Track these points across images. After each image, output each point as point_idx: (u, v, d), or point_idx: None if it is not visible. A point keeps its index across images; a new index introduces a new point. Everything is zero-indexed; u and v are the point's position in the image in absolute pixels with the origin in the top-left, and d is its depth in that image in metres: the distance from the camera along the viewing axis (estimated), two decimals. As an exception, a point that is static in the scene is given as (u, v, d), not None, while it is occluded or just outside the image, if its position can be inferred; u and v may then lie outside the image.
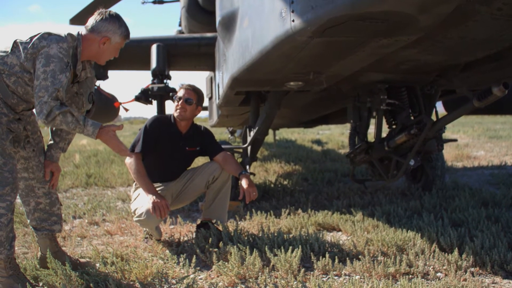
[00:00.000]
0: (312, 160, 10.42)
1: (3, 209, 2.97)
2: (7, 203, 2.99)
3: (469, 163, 9.58)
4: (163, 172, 4.26)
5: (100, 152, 12.82)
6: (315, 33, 2.72)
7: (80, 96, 3.36)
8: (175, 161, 4.25)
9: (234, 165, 4.14)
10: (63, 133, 3.46)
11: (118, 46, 3.22)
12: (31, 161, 3.32)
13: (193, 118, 4.28)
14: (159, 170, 4.23)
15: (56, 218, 3.50)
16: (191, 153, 4.33)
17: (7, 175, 2.99)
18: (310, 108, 6.20)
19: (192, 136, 4.28)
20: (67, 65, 2.95)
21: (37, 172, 3.35)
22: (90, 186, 7.62)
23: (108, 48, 3.16)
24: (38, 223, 3.46)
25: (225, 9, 4.16)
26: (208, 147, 4.31)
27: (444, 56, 3.55)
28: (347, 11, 2.50)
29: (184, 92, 4.16)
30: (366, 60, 3.39)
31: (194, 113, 4.20)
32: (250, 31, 3.55)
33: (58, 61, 2.93)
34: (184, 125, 4.24)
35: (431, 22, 2.68)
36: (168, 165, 4.26)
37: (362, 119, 4.45)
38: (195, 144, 4.29)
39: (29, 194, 3.39)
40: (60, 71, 2.91)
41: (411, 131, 4.08)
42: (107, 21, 3.11)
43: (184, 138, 4.24)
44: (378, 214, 4.77)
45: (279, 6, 2.90)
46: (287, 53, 3.15)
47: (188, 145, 4.26)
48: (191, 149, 4.28)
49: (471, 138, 15.21)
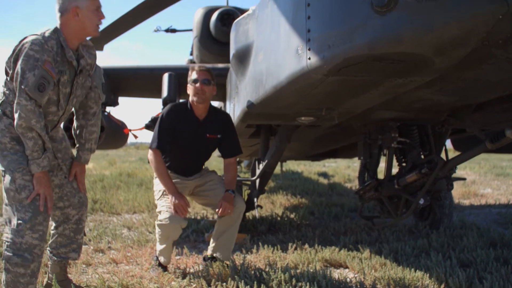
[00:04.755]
0: (319, 193, 10.37)
1: (37, 240, 2.94)
2: (40, 233, 2.96)
3: (476, 201, 9.51)
4: (184, 163, 4.17)
5: (106, 177, 12.84)
6: (331, 71, 2.74)
7: (95, 89, 3.36)
8: (195, 150, 4.13)
9: (229, 178, 4.14)
10: (86, 134, 3.42)
11: (92, 7, 3.05)
12: (64, 188, 3.31)
13: (210, 100, 4.14)
14: (180, 161, 4.15)
15: (76, 246, 3.46)
16: (211, 140, 4.16)
17: (38, 204, 2.96)
18: (320, 142, 6.21)
19: (212, 121, 4.11)
20: (37, 60, 2.85)
21: (72, 199, 3.33)
22: (96, 212, 7.61)
23: (84, 15, 3.02)
24: (57, 247, 3.42)
25: (240, 43, 4.20)
26: (225, 141, 4.17)
27: (457, 97, 3.56)
28: (364, 52, 2.52)
29: (199, 74, 4.03)
30: (379, 99, 3.41)
31: (212, 93, 4.07)
32: (264, 66, 3.58)
33: (27, 59, 2.86)
34: (202, 109, 4.08)
35: (446, 64, 2.70)
36: (188, 155, 4.15)
37: (373, 156, 4.46)
38: (216, 131, 4.12)
39: (63, 221, 3.37)
40: (29, 69, 2.84)
41: (422, 170, 4.07)
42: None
43: (202, 124, 4.08)
44: (385, 252, 4.73)
45: (295, 43, 2.93)
46: (301, 90, 3.17)
47: (208, 132, 4.10)
48: (212, 136, 4.12)
49: (477, 175, 15.14)
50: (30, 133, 2.91)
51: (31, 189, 2.95)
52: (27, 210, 2.92)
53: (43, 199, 3.00)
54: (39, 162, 2.96)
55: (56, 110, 3.15)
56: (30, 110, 2.85)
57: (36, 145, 2.94)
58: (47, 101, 3.04)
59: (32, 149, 2.93)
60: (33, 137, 2.91)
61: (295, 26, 2.96)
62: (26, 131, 2.90)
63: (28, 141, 2.92)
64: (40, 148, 2.96)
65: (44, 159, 2.98)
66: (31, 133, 2.91)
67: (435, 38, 2.45)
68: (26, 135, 2.91)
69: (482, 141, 3.79)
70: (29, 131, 2.90)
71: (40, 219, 2.96)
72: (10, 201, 2.96)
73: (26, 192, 2.93)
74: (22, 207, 2.93)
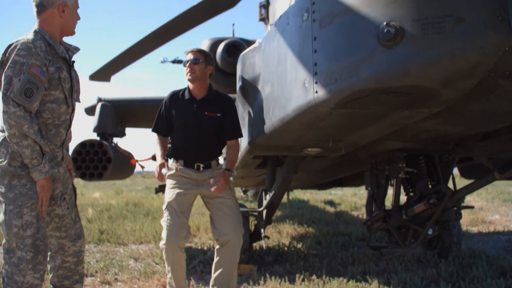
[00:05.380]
0: (326, 222, 10.31)
1: (38, 280, 2.92)
2: (41, 272, 2.94)
3: (485, 228, 9.42)
4: (189, 146, 4.09)
5: (112, 206, 12.84)
6: (338, 104, 2.76)
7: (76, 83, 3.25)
8: (196, 129, 4.05)
9: (229, 157, 4.12)
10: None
11: (75, 7, 3.05)
12: (65, 219, 3.25)
13: (205, 79, 4.12)
14: (185, 144, 4.10)
15: (79, 277, 3.39)
16: (211, 119, 4.07)
17: (39, 243, 2.92)
18: (326, 172, 6.20)
19: (211, 101, 4.11)
20: (23, 65, 2.77)
21: (70, 230, 3.27)
22: (103, 243, 7.57)
23: (69, 13, 3.01)
24: (60, 280, 3.35)
25: (246, 75, 4.23)
26: (226, 123, 4.12)
27: (464, 127, 3.57)
28: (371, 85, 2.55)
29: (190, 55, 4.08)
30: (386, 130, 3.42)
31: (204, 72, 4.08)
32: (271, 98, 3.60)
33: (14, 65, 2.79)
34: (198, 87, 4.11)
35: (453, 96, 2.72)
36: (191, 136, 4.09)
37: (380, 187, 4.44)
38: (215, 110, 4.08)
39: (58, 252, 3.30)
40: (15, 75, 2.77)
41: (430, 200, 4.06)
42: None
43: (200, 103, 4.09)
44: (394, 283, 4.67)
45: (302, 76, 2.96)
46: (309, 122, 3.18)
47: (206, 110, 4.05)
48: (210, 114, 4.06)
49: (485, 201, 15.02)
50: (25, 141, 2.81)
51: (36, 225, 2.89)
52: (29, 250, 2.86)
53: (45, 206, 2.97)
54: (41, 169, 2.89)
55: (66, 108, 3.08)
56: (20, 116, 2.75)
57: (34, 152, 2.84)
58: (56, 101, 2.98)
59: (30, 157, 2.84)
60: (29, 144, 2.82)
61: (301, 60, 2.99)
62: (21, 139, 2.80)
63: (25, 150, 2.82)
64: (38, 154, 2.86)
65: (45, 164, 2.91)
66: (26, 141, 2.81)
67: (442, 70, 2.48)
68: (22, 144, 2.81)
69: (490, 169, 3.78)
70: (23, 139, 2.80)
71: (41, 258, 2.92)
72: (10, 236, 2.88)
73: (32, 230, 2.88)
74: (24, 246, 2.86)
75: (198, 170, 4.07)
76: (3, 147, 2.92)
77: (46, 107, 2.95)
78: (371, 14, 2.57)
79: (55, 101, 2.98)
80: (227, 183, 3.96)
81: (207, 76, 4.13)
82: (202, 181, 4.06)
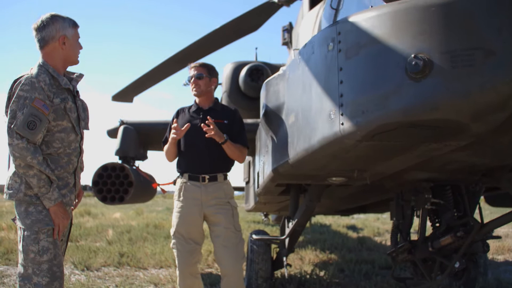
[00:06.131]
0: (348, 248, 10.17)
1: None
2: None
3: (511, 256, 9.20)
4: (195, 155, 4.12)
5: (133, 228, 12.82)
6: (364, 137, 2.70)
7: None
8: (202, 137, 4.01)
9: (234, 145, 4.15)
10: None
11: (76, 37, 3.16)
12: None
13: (211, 92, 4.28)
14: (191, 154, 4.14)
15: None
16: (218, 125, 4.06)
17: (55, 269, 2.95)
18: (350, 199, 6.10)
19: (217, 110, 4.25)
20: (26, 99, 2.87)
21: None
22: (122, 266, 7.53)
23: (70, 45, 3.11)
24: None
25: (270, 102, 4.20)
26: (233, 130, 4.19)
27: (493, 159, 3.47)
28: (398, 119, 2.49)
29: (194, 71, 4.21)
30: (412, 161, 3.33)
31: (209, 85, 4.24)
32: (295, 128, 3.55)
33: (18, 100, 2.89)
34: (204, 100, 4.27)
35: (484, 129, 2.64)
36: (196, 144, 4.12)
37: (405, 218, 4.32)
38: (222, 117, 4.17)
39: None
40: (19, 109, 2.87)
41: (458, 233, 3.94)
42: (51, 24, 3.06)
43: (206, 111, 4.20)
44: (420, 316, 4.53)
45: (328, 107, 2.91)
46: (334, 153, 3.12)
47: (214, 117, 4.07)
48: (218, 121, 4.09)
49: (510, 228, 14.68)
50: (31, 171, 2.88)
51: (53, 252, 2.93)
52: (45, 275, 2.89)
53: (62, 231, 3.03)
54: (50, 196, 2.95)
55: (75, 137, 3.16)
56: (23, 148, 2.84)
57: (40, 181, 2.91)
58: (64, 131, 3.07)
59: (38, 186, 2.91)
60: (35, 174, 2.89)
61: (327, 90, 2.94)
62: (27, 170, 2.88)
63: (32, 179, 2.90)
64: (46, 183, 2.93)
65: (54, 191, 2.96)
66: (32, 171, 2.88)
67: (472, 104, 2.42)
68: (28, 174, 2.89)
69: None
70: (29, 169, 2.88)
71: (57, 284, 2.94)
72: (27, 262, 2.91)
73: (48, 255, 2.91)
74: (40, 271, 2.89)
75: (203, 182, 4.06)
76: (17, 176, 2.99)
77: (55, 137, 3.05)
78: (398, 45, 2.52)
79: (63, 131, 3.07)
80: (217, 133, 3.96)
81: (212, 89, 4.28)
82: (206, 202, 4.05)
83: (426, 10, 2.49)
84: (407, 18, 2.55)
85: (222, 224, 4.04)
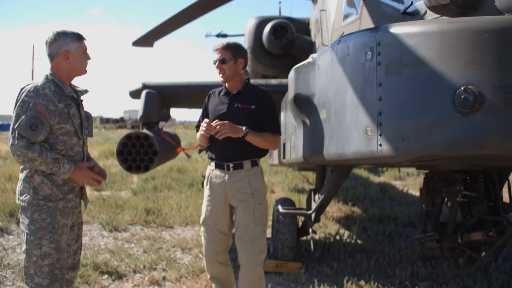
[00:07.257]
0: (371, 198, 10.25)
1: None
2: None
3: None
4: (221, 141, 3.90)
5: (157, 173, 12.90)
6: (404, 161, 2.60)
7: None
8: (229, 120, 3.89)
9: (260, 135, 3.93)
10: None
11: (80, 50, 3.28)
12: (68, 248, 3.34)
13: (238, 74, 4.02)
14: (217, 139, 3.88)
15: None
16: (245, 111, 3.94)
17: (57, 272, 3.14)
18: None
19: (245, 94, 4.02)
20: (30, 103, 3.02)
21: (68, 259, 3.36)
22: (149, 225, 7.64)
23: (74, 58, 3.24)
24: None
25: (300, 90, 4.05)
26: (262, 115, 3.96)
27: None
28: (443, 152, 2.37)
29: (217, 54, 3.99)
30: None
31: (235, 68, 3.97)
32: (327, 127, 3.44)
33: (22, 104, 3.05)
34: (232, 84, 4.05)
35: None
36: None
37: (435, 206, 4.22)
38: (249, 102, 3.96)
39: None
40: (23, 112, 3.02)
41: (489, 233, 3.81)
42: (55, 41, 3.21)
43: (234, 96, 4.02)
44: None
45: (364, 121, 2.79)
46: (367, 163, 3.04)
47: (240, 102, 3.96)
48: (244, 106, 3.94)
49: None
50: (36, 162, 3.05)
51: (54, 256, 3.11)
52: (46, 277, 3.10)
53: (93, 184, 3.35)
54: (64, 170, 3.14)
55: (78, 141, 3.30)
56: (23, 146, 2.99)
57: (48, 164, 3.07)
58: (67, 134, 3.21)
59: (49, 168, 3.09)
60: (41, 162, 3.05)
61: (364, 103, 2.80)
62: (32, 162, 3.05)
63: (40, 167, 3.07)
64: (53, 163, 3.09)
65: (64, 165, 3.13)
66: (36, 161, 3.04)
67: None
68: (35, 164, 3.06)
69: None
70: (33, 161, 3.04)
71: (57, 285, 3.13)
72: (30, 264, 3.11)
73: (50, 260, 3.10)
74: (41, 273, 3.10)
75: (228, 171, 3.93)
76: (26, 182, 3.16)
77: (59, 139, 3.19)
78: (447, 73, 2.35)
79: (66, 134, 3.22)
80: (230, 131, 3.77)
81: (239, 71, 4.01)
82: (230, 192, 3.93)
83: (479, 36, 2.29)
84: (457, 43, 2.35)
85: (241, 218, 3.94)
